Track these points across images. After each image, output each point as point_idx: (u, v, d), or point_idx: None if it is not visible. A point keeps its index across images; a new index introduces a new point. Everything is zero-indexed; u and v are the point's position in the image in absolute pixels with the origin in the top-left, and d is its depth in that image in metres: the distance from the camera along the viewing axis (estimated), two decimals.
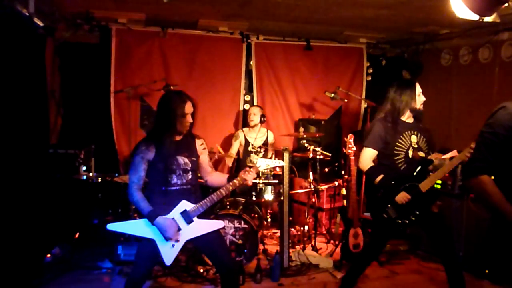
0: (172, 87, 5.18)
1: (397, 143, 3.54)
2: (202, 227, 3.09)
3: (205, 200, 3.11)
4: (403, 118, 3.61)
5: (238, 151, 5.71)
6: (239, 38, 6.08)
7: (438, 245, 3.51)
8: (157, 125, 3.15)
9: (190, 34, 5.86)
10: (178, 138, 3.19)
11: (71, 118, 5.58)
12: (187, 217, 3.06)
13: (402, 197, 3.46)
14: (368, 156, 3.60)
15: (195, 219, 3.08)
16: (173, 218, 3.03)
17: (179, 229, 3.03)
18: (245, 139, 5.63)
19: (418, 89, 3.60)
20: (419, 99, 3.59)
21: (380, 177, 3.52)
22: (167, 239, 2.99)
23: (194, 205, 3.09)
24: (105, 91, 5.56)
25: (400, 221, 3.49)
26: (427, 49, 6.23)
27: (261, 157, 4.55)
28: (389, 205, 3.50)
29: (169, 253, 3.00)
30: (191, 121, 3.14)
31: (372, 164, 3.60)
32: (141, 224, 3.02)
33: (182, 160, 3.13)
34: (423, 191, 3.46)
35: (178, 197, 3.07)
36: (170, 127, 3.08)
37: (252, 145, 5.46)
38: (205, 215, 3.14)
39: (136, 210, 4.39)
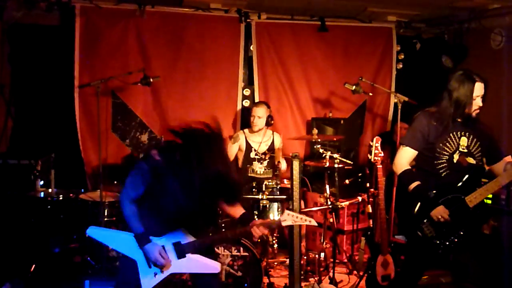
0: (152, 80, 5.23)
1: (441, 144, 3.54)
2: (193, 266, 3.19)
3: (205, 239, 3.24)
4: (456, 117, 3.57)
5: (237, 158, 5.71)
6: (236, 17, 6.11)
7: (490, 275, 3.52)
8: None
9: (174, 12, 5.90)
10: None
11: (25, 120, 5.60)
12: (180, 251, 3.14)
13: (440, 212, 3.46)
14: (404, 157, 3.61)
15: (187, 255, 3.16)
16: (163, 246, 3.10)
17: None
18: (247, 142, 5.64)
19: (478, 90, 3.49)
20: (475, 103, 3.52)
21: (416, 183, 3.53)
22: (159, 266, 3.08)
23: (191, 239, 3.17)
24: (68, 86, 5.58)
25: (438, 242, 3.51)
26: (472, 29, 6.23)
27: (266, 166, 4.45)
28: (425, 220, 3.52)
29: (148, 281, 3.10)
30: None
31: (409, 167, 3.61)
32: (128, 239, 3.08)
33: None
34: (470, 207, 3.49)
35: (175, 225, 3.16)
36: None
37: (255, 150, 5.50)
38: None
39: None
